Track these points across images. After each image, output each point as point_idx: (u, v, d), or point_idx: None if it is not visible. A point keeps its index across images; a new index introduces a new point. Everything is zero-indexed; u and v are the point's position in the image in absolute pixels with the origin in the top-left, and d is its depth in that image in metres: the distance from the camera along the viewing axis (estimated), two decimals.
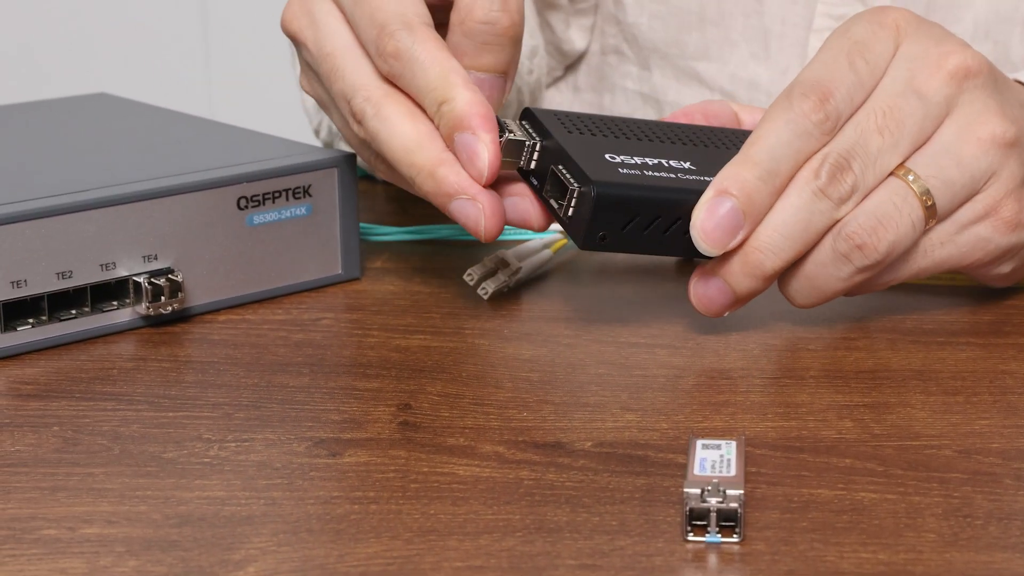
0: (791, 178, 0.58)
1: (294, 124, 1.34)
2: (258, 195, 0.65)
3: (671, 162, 0.59)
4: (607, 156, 0.58)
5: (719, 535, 0.45)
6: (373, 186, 0.83)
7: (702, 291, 0.59)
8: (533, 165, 0.59)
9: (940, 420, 0.54)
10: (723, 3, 0.87)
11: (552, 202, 0.58)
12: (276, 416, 0.55)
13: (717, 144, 0.62)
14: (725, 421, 0.54)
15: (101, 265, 0.62)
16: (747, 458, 0.50)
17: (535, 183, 0.59)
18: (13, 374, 0.59)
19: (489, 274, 0.67)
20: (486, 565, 0.44)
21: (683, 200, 0.57)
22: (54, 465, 0.51)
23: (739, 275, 0.58)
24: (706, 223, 0.57)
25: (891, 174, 0.58)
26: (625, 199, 0.56)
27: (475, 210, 0.58)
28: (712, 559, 0.45)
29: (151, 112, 0.80)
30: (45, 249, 0.60)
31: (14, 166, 0.69)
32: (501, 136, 0.58)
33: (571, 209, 0.57)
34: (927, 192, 0.58)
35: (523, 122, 0.60)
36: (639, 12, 0.90)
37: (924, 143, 0.59)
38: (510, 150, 0.58)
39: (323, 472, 0.50)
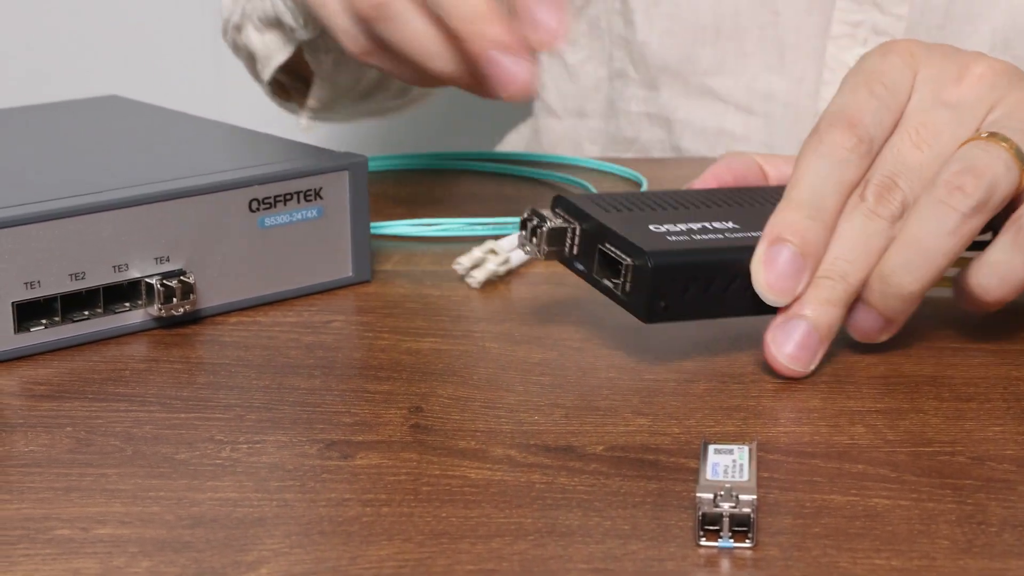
0: (840, 211, 0.57)
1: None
2: (270, 197, 0.65)
3: (714, 224, 0.59)
4: (651, 227, 0.58)
5: (732, 540, 0.45)
6: (384, 188, 0.83)
7: (782, 340, 0.57)
8: (576, 251, 0.59)
9: (953, 426, 0.53)
10: (738, 17, 0.88)
11: (605, 283, 0.58)
12: (288, 418, 0.55)
13: (754, 202, 0.62)
14: (737, 426, 0.54)
15: (114, 267, 0.62)
16: (759, 463, 0.50)
17: (581, 268, 0.59)
18: (26, 375, 0.59)
19: (478, 263, 0.67)
20: (498, 568, 0.44)
21: (738, 257, 0.57)
22: (67, 465, 0.51)
23: (816, 307, 0.57)
24: (769, 276, 0.57)
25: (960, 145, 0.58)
26: (681, 264, 0.56)
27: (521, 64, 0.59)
28: (725, 564, 0.45)
29: (162, 114, 0.80)
30: (58, 250, 0.60)
31: (26, 168, 0.69)
32: (540, 226, 0.58)
33: (628, 284, 0.57)
34: (1006, 139, 0.57)
35: (556, 210, 0.60)
36: (649, 30, 0.91)
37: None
38: (552, 239, 0.59)
39: (335, 474, 0.50)
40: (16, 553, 0.45)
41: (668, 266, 0.56)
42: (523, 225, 0.59)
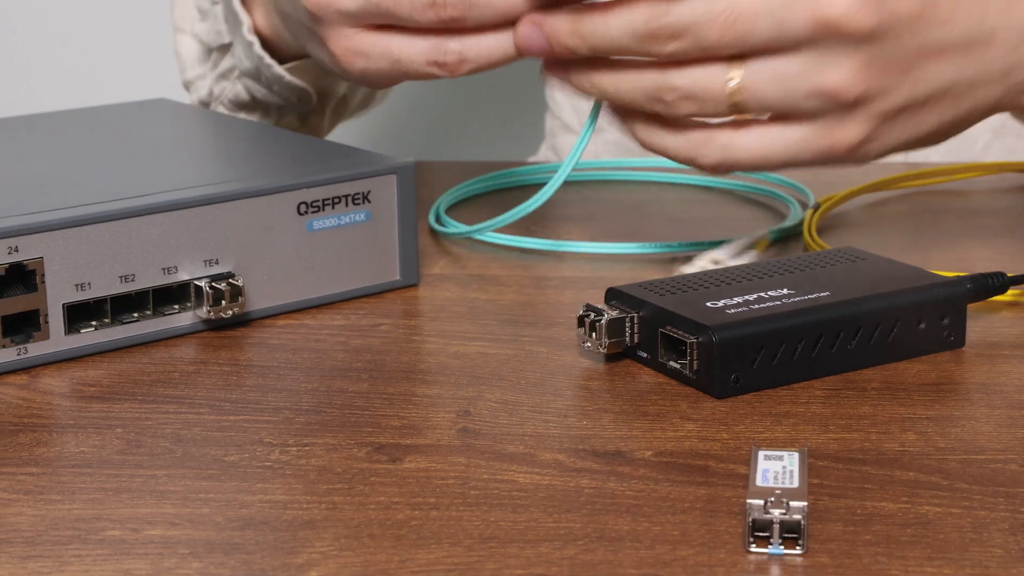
0: None
1: (354, 131, 1.35)
2: (318, 201, 0.66)
3: (770, 292, 0.60)
4: (708, 304, 0.58)
5: (782, 547, 0.45)
6: (431, 195, 0.83)
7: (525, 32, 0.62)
8: (637, 339, 0.59)
9: (1005, 434, 0.53)
10: None
11: (672, 365, 0.58)
12: (336, 421, 0.55)
13: (803, 267, 0.63)
14: (786, 432, 0.54)
15: (163, 269, 0.62)
16: (809, 469, 0.50)
17: (645, 356, 0.59)
18: (77, 376, 0.59)
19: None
20: (547, 573, 0.44)
21: (801, 322, 0.58)
22: (118, 467, 0.51)
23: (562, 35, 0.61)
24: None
25: (719, 62, 0.59)
26: (745, 335, 0.57)
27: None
28: (775, 571, 0.44)
29: (211, 117, 0.80)
30: (108, 253, 0.61)
31: (77, 171, 0.69)
32: (598, 320, 0.59)
33: (695, 363, 0.57)
34: (740, 103, 0.59)
35: (612, 302, 0.60)
36: None
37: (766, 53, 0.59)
38: (612, 330, 0.59)
39: (383, 477, 0.50)
40: (68, 553, 0.45)
41: (733, 339, 0.56)
42: (580, 322, 0.60)
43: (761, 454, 0.49)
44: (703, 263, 0.70)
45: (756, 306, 0.58)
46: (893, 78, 0.59)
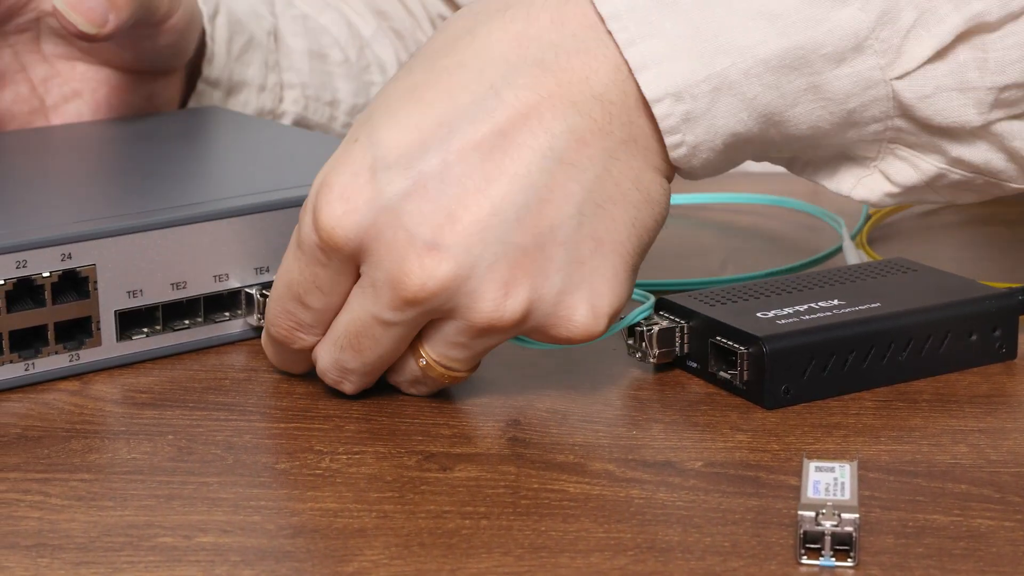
0: None
1: None
2: None
3: (820, 303, 0.60)
4: (759, 314, 0.58)
5: (833, 559, 0.45)
6: None
7: None
8: (687, 349, 0.59)
9: None
10: None
11: (722, 375, 0.58)
12: (386, 429, 0.55)
13: (854, 278, 0.62)
14: (837, 443, 0.53)
15: (214, 276, 0.63)
16: (860, 481, 0.50)
17: (695, 366, 0.59)
18: (129, 383, 0.60)
19: None
20: None
21: (852, 333, 0.58)
22: (169, 473, 0.52)
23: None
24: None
25: (411, 350, 0.55)
26: (796, 346, 0.57)
27: None
28: None
29: (262, 125, 0.81)
30: (160, 260, 0.61)
31: (129, 178, 0.70)
32: (648, 330, 0.59)
33: (746, 373, 0.57)
34: (445, 370, 0.55)
35: (661, 312, 0.60)
36: None
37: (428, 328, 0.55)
38: (663, 340, 0.59)
39: (434, 486, 0.50)
40: (120, 560, 0.46)
41: (784, 349, 0.56)
42: (630, 332, 0.60)
43: (812, 465, 0.49)
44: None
45: (807, 317, 0.58)
46: (532, 273, 0.53)
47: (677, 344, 0.59)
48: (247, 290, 0.63)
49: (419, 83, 0.54)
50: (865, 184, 0.58)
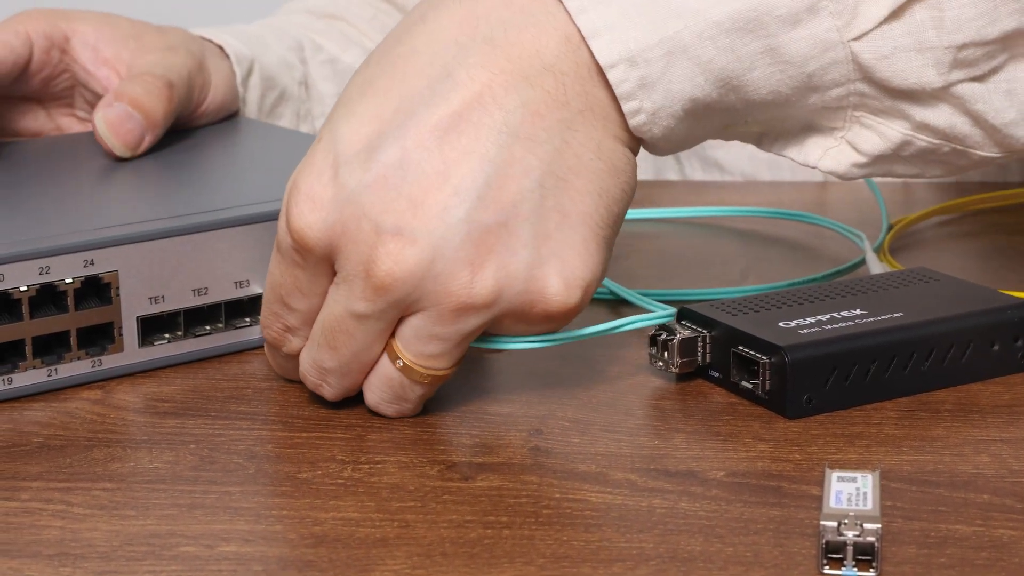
0: None
1: None
2: None
3: (843, 313, 0.59)
4: (781, 324, 0.58)
5: (855, 569, 0.45)
6: None
7: None
8: (709, 358, 0.59)
9: None
10: None
11: (744, 385, 0.58)
12: (408, 439, 0.55)
13: (877, 289, 0.62)
14: (859, 453, 0.53)
15: (235, 283, 0.63)
16: (882, 491, 0.50)
17: (717, 375, 0.59)
18: (151, 392, 0.60)
19: None
20: None
21: (874, 343, 0.57)
22: (191, 483, 0.52)
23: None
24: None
25: (386, 349, 0.55)
26: (818, 356, 0.57)
27: None
28: None
29: (282, 133, 0.81)
30: (182, 266, 0.61)
31: (151, 185, 0.70)
32: (670, 339, 0.59)
33: (767, 383, 0.57)
34: (424, 370, 0.55)
35: (683, 322, 0.60)
36: None
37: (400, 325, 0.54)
38: (684, 350, 0.59)
39: (456, 496, 0.50)
40: (142, 569, 0.46)
41: (806, 359, 0.56)
42: (652, 341, 0.60)
43: (834, 475, 0.49)
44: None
45: (829, 326, 0.58)
46: (499, 251, 0.53)
47: (699, 354, 0.59)
48: None
49: (375, 75, 0.55)
50: (832, 155, 0.58)
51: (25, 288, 0.58)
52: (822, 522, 0.45)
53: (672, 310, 0.61)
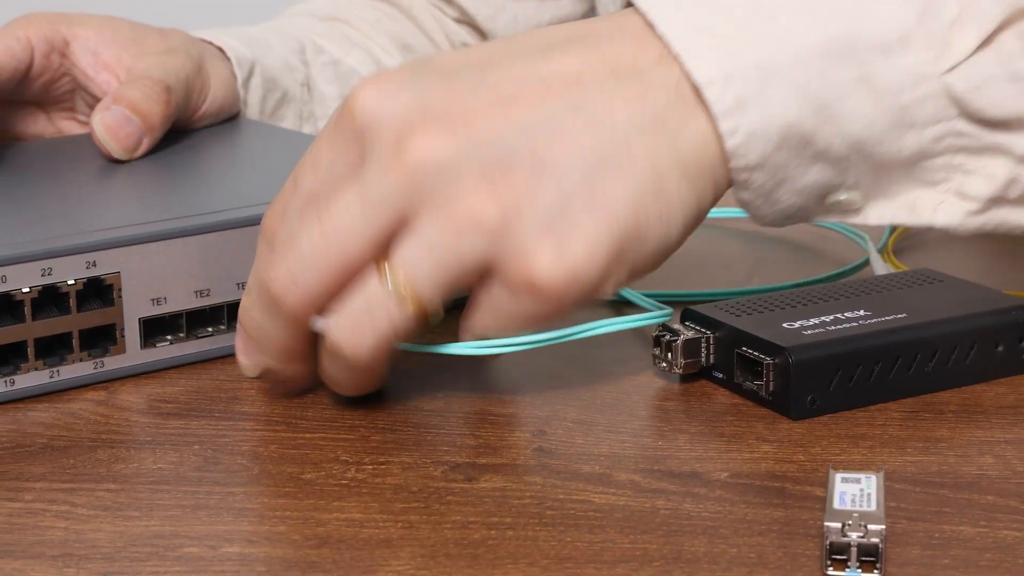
0: None
1: None
2: None
3: (847, 314, 0.59)
4: (784, 325, 0.58)
5: (859, 570, 0.45)
6: None
7: None
8: (713, 359, 0.59)
9: None
10: None
11: (748, 385, 0.58)
12: (412, 440, 0.55)
13: (881, 289, 0.62)
14: (863, 454, 0.53)
15: (237, 284, 0.63)
16: (886, 492, 0.50)
17: (721, 376, 0.59)
18: (154, 392, 0.60)
19: None
20: None
21: (878, 343, 0.57)
22: (195, 483, 0.52)
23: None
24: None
25: (376, 263, 0.53)
26: (822, 357, 0.56)
27: None
28: None
29: (284, 134, 0.81)
30: (184, 268, 0.61)
31: (153, 187, 0.70)
32: (674, 340, 0.59)
33: (771, 384, 0.57)
34: (413, 294, 0.53)
35: (687, 322, 0.60)
36: None
37: (399, 230, 0.53)
38: (687, 351, 0.59)
39: (459, 496, 0.50)
40: (146, 570, 0.46)
41: (810, 360, 0.56)
42: (656, 342, 0.60)
43: (838, 476, 0.49)
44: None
45: (833, 327, 0.58)
46: (520, 191, 0.52)
47: (703, 354, 0.59)
48: None
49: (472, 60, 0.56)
50: (943, 210, 0.57)
51: (27, 290, 0.58)
52: (826, 523, 0.45)
53: (669, 310, 0.61)
